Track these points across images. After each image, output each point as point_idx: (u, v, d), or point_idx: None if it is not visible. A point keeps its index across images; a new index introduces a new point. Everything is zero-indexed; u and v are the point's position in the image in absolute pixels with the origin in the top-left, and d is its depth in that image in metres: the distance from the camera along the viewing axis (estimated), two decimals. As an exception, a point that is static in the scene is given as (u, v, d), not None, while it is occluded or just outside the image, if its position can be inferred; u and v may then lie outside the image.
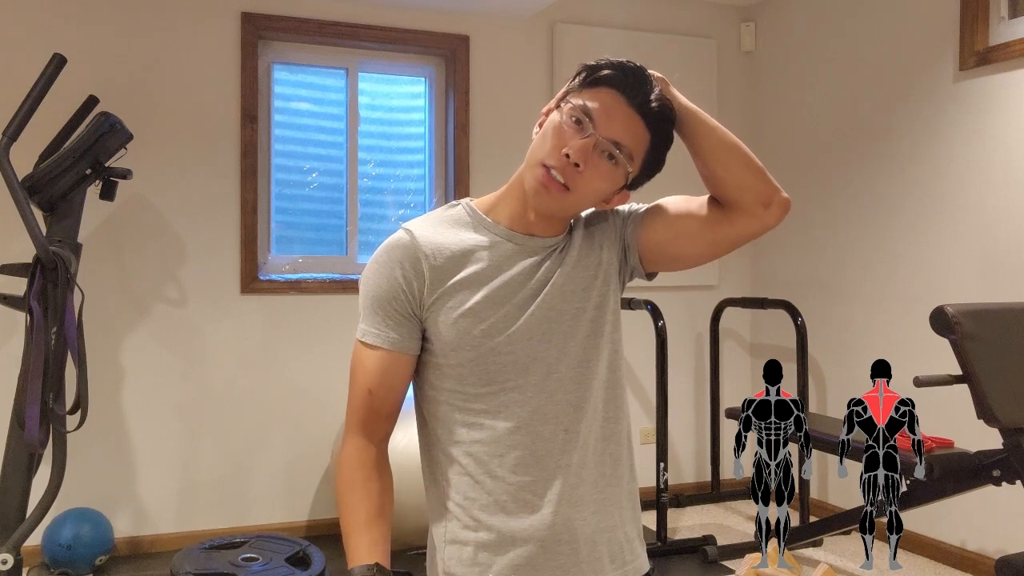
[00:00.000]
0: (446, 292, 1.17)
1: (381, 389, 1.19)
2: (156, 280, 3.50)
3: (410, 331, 1.19)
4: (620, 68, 1.15)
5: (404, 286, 1.17)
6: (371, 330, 1.19)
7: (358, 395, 1.20)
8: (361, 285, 1.22)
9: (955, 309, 2.27)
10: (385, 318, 1.18)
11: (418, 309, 1.18)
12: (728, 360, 4.42)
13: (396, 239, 1.20)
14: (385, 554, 1.14)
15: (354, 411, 1.20)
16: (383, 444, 1.22)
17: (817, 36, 4.02)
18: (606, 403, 1.22)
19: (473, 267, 1.18)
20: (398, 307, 1.17)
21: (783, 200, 1.20)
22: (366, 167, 3.94)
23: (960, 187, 3.30)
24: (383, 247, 1.21)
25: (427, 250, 1.18)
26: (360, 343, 1.20)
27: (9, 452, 2.84)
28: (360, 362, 1.20)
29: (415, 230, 1.20)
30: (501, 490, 1.15)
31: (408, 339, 1.19)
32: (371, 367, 1.19)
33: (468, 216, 1.23)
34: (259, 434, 3.63)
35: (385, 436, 1.22)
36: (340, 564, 3.27)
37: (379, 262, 1.19)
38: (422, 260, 1.17)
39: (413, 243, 1.18)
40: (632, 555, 1.24)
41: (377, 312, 1.18)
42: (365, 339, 1.19)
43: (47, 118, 3.05)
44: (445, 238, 1.20)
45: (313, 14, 3.70)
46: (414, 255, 1.18)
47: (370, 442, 1.20)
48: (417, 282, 1.17)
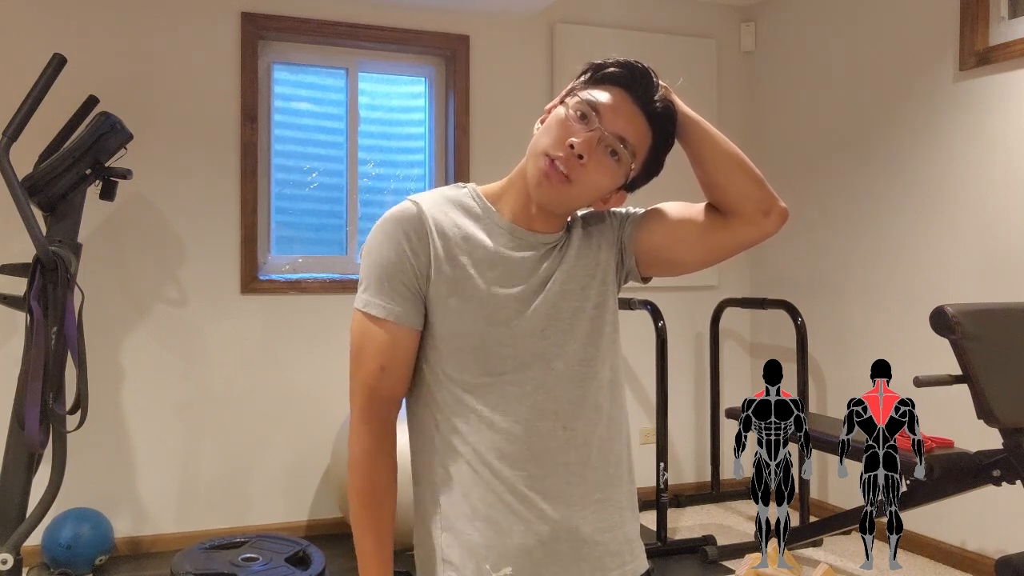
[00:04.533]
0: (448, 273, 1.15)
1: (393, 365, 1.15)
2: (156, 280, 3.50)
3: (416, 307, 1.16)
4: (627, 67, 1.16)
5: (412, 259, 1.15)
6: (379, 302, 1.15)
7: (369, 374, 1.16)
8: (365, 255, 1.18)
9: (955, 309, 2.27)
10: (392, 291, 1.15)
11: (424, 284, 1.15)
12: (728, 360, 4.42)
13: (404, 209, 1.17)
14: (392, 559, 1.17)
15: (363, 394, 1.16)
16: (393, 432, 1.19)
17: (817, 36, 4.02)
18: (605, 403, 1.22)
19: (476, 253, 1.17)
20: (405, 280, 1.15)
21: (782, 210, 1.21)
22: (366, 167, 3.94)
23: (960, 187, 3.30)
24: (390, 217, 1.17)
25: (433, 226, 1.16)
26: (366, 316, 1.16)
27: (9, 452, 2.84)
28: (369, 337, 1.15)
29: (422, 203, 1.18)
30: (499, 483, 1.15)
31: (416, 315, 1.16)
32: (382, 342, 1.15)
33: (474, 202, 1.22)
34: (259, 434, 3.63)
35: (395, 422, 1.19)
36: (340, 564, 3.27)
37: (386, 232, 1.16)
38: (428, 235, 1.15)
39: (421, 216, 1.16)
40: (632, 555, 1.24)
41: (384, 284, 1.15)
42: (372, 311, 1.15)
43: (47, 118, 3.05)
44: (450, 219, 1.18)
45: (313, 14, 3.70)
46: (421, 228, 1.16)
47: (383, 436, 1.17)
48: (424, 256, 1.15)
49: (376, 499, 1.17)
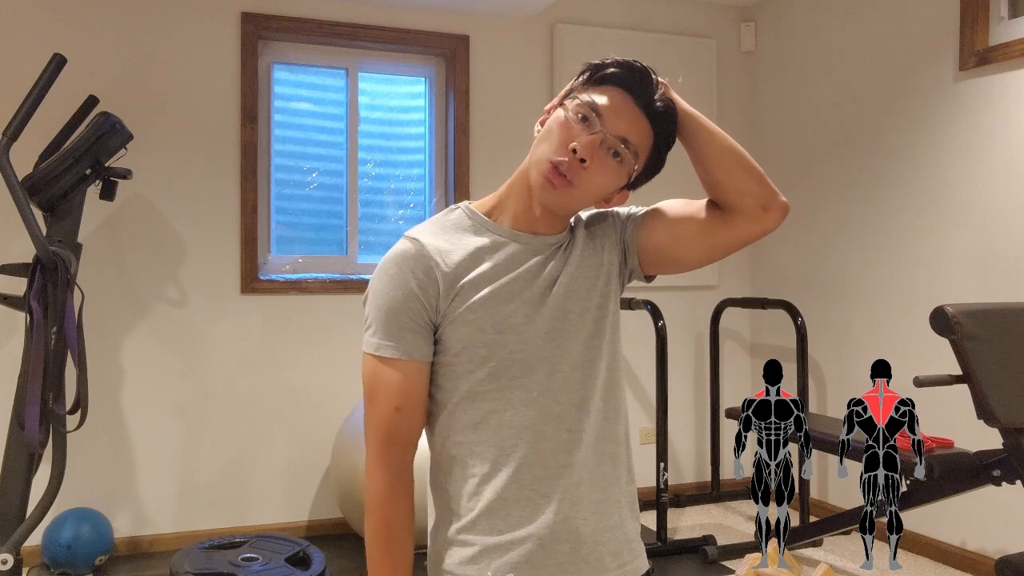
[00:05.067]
0: (459, 295, 1.16)
1: (408, 404, 1.16)
2: (156, 280, 3.50)
3: (426, 339, 1.16)
4: (627, 67, 1.16)
5: (420, 295, 1.15)
6: (388, 343, 1.15)
7: (384, 417, 1.16)
8: (371, 299, 1.18)
9: (955, 309, 2.27)
10: (401, 329, 1.15)
11: (434, 316, 1.16)
12: (728, 360, 4.42)
13: (404, 249, 1.18)
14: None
15: (379, 437, 1.16)
16: (411, 473, 1.18)
17: (817, 36, 4.02)
18: (606, 403, 1.22)
19: (482, 267, 1.17)
20: (414, 316, 1.15)
21: (782, 204, 1.20)
22: (366, 167, 3.94)
23: (960, 187, 3.30)
24: (391, 259, 1.18)
25: (436, 257, 1.17)
26: (376, 360, 1.16)
27: (9, 452, 2.84)
28: (381, 380, 1.16)
29: (421, 238, 1.19)
30: (505, 488, 1.15)
31: (425, 346, 1.16)
32: (395, 382, 1.15)
33: (469, 219, 1.23)
34: (259, 434, 3.63)
35: (411, 464, 1.18)
36: (340, 564, 3.27)
37: (390, 274, 1.17)
38: (434, 268, 1.16)
39: (422, 251, 1.17)
40: (631, 555, 1.24)
41: (392, 324, 1.15)
42: (383, 354, 1.15)
43: (47, 118, 3.05)
44: (450, 244, 1.19)
45: (313, 14, 3.70)
46: (426, 263, 1.16)
47: (400, 475, 1.16)
48: (432, 289, 1.15)
49: (393, 540, 1.17)
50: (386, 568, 1.17)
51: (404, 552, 1.18)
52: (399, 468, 1.17)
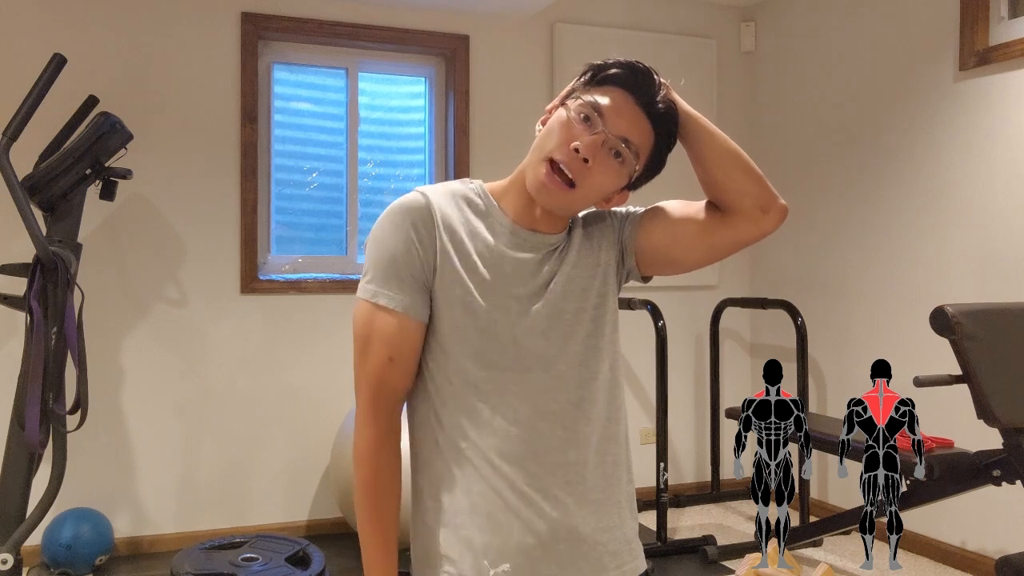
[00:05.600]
0: (453, 268, 1.15)
1: (401, 356, 1.15)
2: (156, 280, 3.50)
3: (423, 299, 1.16)
4: (629, 68, 1.16)
5: (419, 250, 1.15)
6: (386, 292, 1.14)
7: (377, 365, 1.15)
8: (372, 244, 1.17)
9: (955, 309, 2.27)
10: (400, 281, 1.14)
11: (430, 275, 1.15)
12: (728, 360, 4.42)
13: (412, 200, 1.17)
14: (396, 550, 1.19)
15: (371, 387, 1.15)
16: (399, 426, 1.18)
17: (817, 36, 4.02)
18: (605, 404, 1.22)
19: (480, 250, 1.17)
20: (413, 272, 1.15)
21: (781, 207, 1.21)
22: (366, 167, 3.94)
23: (960, 187, 3.30)
24: (398, 207, 1.17)
25: (440, 219, 1.16)
26: (372, 307, 1.14)
27: (9, 452, 2.84)
28: (376, 328, 1.14)
29: (430, 195, 1.18)
30: (499, 480, 1.15)
31: (423, 307, 1.15)
32: (390, 332, 1.14)
33: (480, 199, 1.22)
34: (259, 434, 3.63)
35: (400, 416, 1.18)
36: (340, 564, 3.27)
37: (394, 222, 1.16)
38: (436, 227, 1.15)
39: (429, 207, 1.16)
40: (631, 555, 1.24)
41: (392, 274, 1.14)
42: (379, 301, 1.14)
43: (47, 118, 3.05)
44: (457, 213, 1.18)
45: (313, 14, 3.70)
46: (429, 220, 1.16)
47: (389, 430, 1.16)
48: (431, 248, 1.15)
49: (382, 491, 1.17)
50: (375, 516, 1.17)
51: (392, 502, 1.18)
52: (389, 419, 1.17)
